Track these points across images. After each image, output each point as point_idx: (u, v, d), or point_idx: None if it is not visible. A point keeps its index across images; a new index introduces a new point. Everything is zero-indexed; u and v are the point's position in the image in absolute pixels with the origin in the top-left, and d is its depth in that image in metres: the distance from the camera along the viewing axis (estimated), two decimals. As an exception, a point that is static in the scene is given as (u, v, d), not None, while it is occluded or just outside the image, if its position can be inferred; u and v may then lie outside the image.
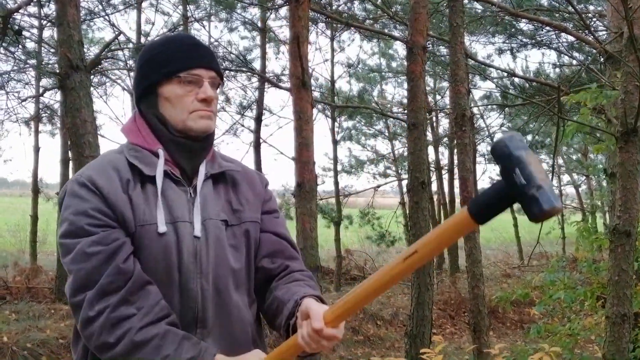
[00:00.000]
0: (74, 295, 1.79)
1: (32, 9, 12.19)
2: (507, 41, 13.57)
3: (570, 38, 12.18)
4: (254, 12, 15.03)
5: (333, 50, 16.14)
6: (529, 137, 18.96)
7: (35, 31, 13.10)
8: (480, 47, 64.20)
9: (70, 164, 8.07)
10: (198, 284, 1.89)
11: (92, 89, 7.95)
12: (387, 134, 19.22)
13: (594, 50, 10.01)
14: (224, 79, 2.07)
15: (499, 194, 1.41)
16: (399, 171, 19.19)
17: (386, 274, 1.58)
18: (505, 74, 13.32)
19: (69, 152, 8.56)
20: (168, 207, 1.88)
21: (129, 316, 1.75)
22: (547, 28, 11.87)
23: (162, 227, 1.84)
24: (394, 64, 18.78)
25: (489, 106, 17.53)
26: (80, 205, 1.81)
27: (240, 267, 1.99)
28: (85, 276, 1.76)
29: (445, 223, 1.51)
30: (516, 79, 13.43)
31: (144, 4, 14.44)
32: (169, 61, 1.94)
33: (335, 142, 16.79)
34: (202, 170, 1.98)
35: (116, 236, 1.80)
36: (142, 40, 14.02)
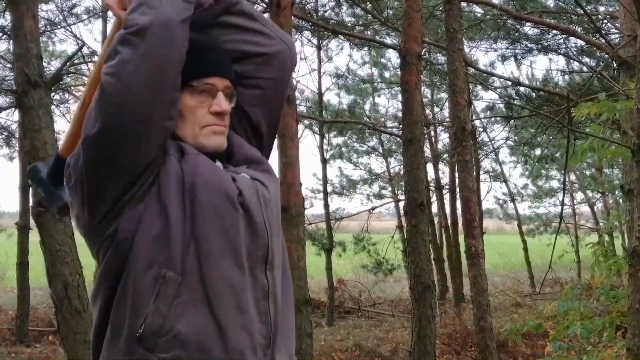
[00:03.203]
0: None
1: (-14, 20, 12.18)
2: (510, 47, 13.65)
3: (580, 42, 12.29)
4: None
5: (320, 60, 16.16)
6: (537, 152, 19.06)
7: (-11, 44, 13.10)
8: (482, 54, 64.86)
9: (30, 190, 8.02)
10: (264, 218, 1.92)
11: (53, 107, 7.92)
12: (381, 151, 19.24)
13: (606, 56, 10.08)
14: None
15: None
16: (396, 191, 19.19)
17: None
18: (510, 83, 13.40)
19: (29, 177, 8.49)
20: None
21: None
22: (554, 32, 11.95)
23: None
24: (387, 74, 18.85)
25: (493, 118, 17.62)
26: None
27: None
28: None
29: None
30: (521, 88, 13.50)
31: (109, 13, 14.47)
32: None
33: (324, 161, 16.77)
34: None
35: None
36: (109, 52, 14.00)
